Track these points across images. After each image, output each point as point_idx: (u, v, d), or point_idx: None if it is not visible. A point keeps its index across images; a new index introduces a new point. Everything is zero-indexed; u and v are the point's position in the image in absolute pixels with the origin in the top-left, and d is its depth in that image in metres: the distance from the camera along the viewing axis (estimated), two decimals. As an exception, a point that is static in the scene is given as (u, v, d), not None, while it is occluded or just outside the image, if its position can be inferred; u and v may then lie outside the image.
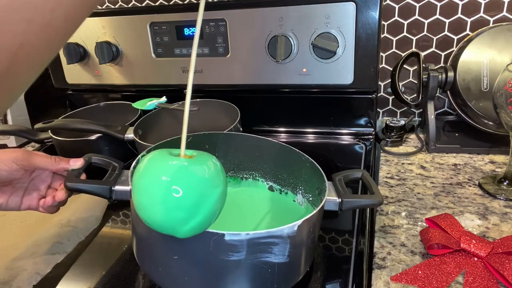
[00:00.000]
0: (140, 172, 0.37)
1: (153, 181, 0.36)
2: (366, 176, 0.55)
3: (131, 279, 0.54)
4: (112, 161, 0.55)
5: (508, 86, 0.58)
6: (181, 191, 0.35)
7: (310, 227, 0.45)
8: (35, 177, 0.56)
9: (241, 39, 0.84)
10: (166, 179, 0.35)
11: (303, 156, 0.57)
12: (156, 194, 0.36)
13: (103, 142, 0.82)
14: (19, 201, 0.55)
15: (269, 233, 0.41)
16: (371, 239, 0.58)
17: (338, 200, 0.50)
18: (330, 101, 0.88)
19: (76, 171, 0.53)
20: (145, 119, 0.83)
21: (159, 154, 0.38)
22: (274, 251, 0.43)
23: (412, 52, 0.82)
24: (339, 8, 0.76)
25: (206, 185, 0.37)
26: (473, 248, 0.51)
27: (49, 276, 0.56)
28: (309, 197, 0.58)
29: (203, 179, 0.37)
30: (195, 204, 0.36)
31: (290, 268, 0.47)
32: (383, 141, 0.85)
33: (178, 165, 0.36)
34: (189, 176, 0.36)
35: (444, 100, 0.94)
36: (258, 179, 0.66)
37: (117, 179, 0.51)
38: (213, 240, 0.40)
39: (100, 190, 0.49)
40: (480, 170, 0.73)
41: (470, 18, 0.84)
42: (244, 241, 0.40)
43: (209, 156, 0.39)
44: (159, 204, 0.36)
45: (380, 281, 0.50)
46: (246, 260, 0.42)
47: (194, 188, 0.36)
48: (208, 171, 0.37)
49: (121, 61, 0.94)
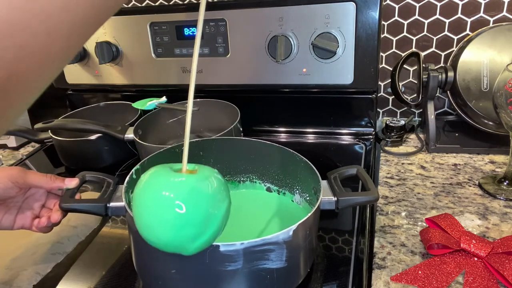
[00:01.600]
0: (142, 190, 0.37)
1: (159, 200, 0.35)
2: (362, 172, 0.55)
3: (131, 279, 0.53)
4: (106, 178, 0.55)
5: (508, 86, 0.58)
6: (185, 208, 0.34)
7: (306, 230, 0.45)
8: (29, 196, 0.55)
9: (241, 39, 0.84)
10: (172, 197, 0.35)
11: (297, 156, 0.57)
12: (163, 212, 0.35)
13: (103, 142, 0.82)
14: (13, 220, 0.54)
15: (264, 240, 0.41)
16: (371, 239, 0.58)
17: (334, 199, 0.50)
18: (330, 101, 0.88)
19: (71, 191, 0.53)
20: (145, 119, 0.83)
21: (161, 170, 0.37)
22: (271, 258, 0.42)
23: (412, 52, 0.82)
24: (339, 8, 0.76)
25: (212, 200, 0.37)
26: (473, 248, 0.51)
27: (49, 276, 0.56)
28: (306, 196, 0.58)
29: (208, 194, 0.36)
30: (203, 220, 0.36)
31: (289, 272, 0.46)
32: (383, 141, 0.85)
33: (183, 182, 0.36)
34: (195, 193, 0.36)
35: (444, 100, 0.94)
36: (255, 181, 0.66)
37: (111, 196, 0.51)
38: (209, 252, 0.40)
39: (95, 208, 0.50)
40: (480, 170, 0.73)
41: (470, 18, 0.84)
42: (239, 251, 0.41)
43: (211, 171, 0.39)
44: (166, 223, 0.35)
45: (380, 281, 0.50)
46: (243, 269, 0.42)
47: (201, 204, 0.36)
48: (211, 187, 0.37)
49: (121, 61, 0.94)
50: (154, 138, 0.84)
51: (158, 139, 0.85)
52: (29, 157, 0.94)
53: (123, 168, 0.84)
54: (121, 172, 0.83)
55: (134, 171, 0.53)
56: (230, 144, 0.64)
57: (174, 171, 0.37)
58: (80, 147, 0.83)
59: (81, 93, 1.05)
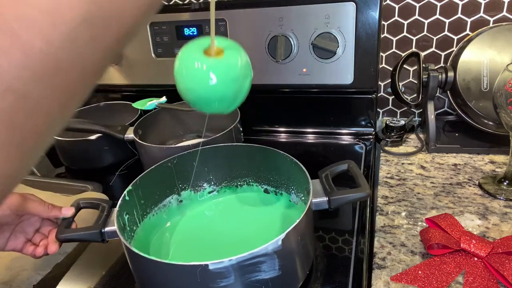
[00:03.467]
0: (178, 64, 0.38)
1: (190, 68, 0.37)
2: (353, 167, 0.54)
3: (131, 279, 0.54)
4: (101, 202, 0.55)
5: (508, 86, 0.58)
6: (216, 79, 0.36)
7: (298, 236, 0.45)
8: (24, 220, 0.55)
9: (241, 39, 0.84)
10: (202, 67, 0.36)
11: (288, 157, 0.57)
12: (194, 80, 0.37)
13: (103, 142, 0.82)
14: (5, 243, 0.53)
15: (252, 254, 0.41)
16: (371, 239, 0.58)
17: (326, 199, 0.50)
18: (330, 101, 0.88)
19: (66, 220, 0.53)
20: (145, 119, 0.83)
21: (192, 46, 0.38)
22: (263, 269, 0.42)
23: (412, 52, 0.82)
24: (339, 8, 0.76)
25: (240, 72, 0.38)
26: (473, 248, 0.51)
27: (49, 276, 0.56)
28: (301, 196, 0.59)
29: (237, 68, 0.38)
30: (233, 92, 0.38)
31: (285, 279, 0.46)
32: (383, 141, 0.85)
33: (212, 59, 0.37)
34: (224, 67, 0.37)
35: (444, 100, 0.94)
36: (252, 184, 0.66)
37: (106, 221, 0.52)
38: (199, 271, 0.40)
39: (91, 236, 0.50)
40: (480, 170, 0.73)
41: (470, 18, 0.84)
42: (229, 267, 0.41)
43: (238, 49, 0.39)
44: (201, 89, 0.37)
45: (380, 281, 0.50)
46: (236, 283, 0.42)
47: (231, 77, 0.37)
48: (241, 61, 0.38)
49: (121, 61, 0.94)
50: (154, 138, 0.84)
51: (158, 139, 0.85)
52: (29, 157, 0.94)
53: (123, 168, 0.84)
54: (121, 172, 0.83)
55: (126, 193, 0.54)
56: (223, 151, 0.64)
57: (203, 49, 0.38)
58: (80, 147, 0.83)
59: (81, 93, 1.05)
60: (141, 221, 0.58)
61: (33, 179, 0.82)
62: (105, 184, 0.78)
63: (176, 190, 0.64)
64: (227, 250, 0.55)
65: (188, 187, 0.65)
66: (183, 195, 0.65)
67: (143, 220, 0.58)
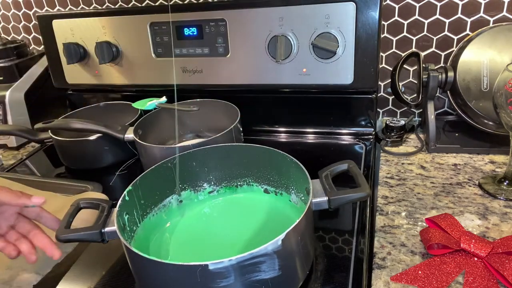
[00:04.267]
0: None
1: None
2: (353, 167, 0.54)
3: (131, 279, 0.54)
4: (101, 202, 0.55)
5: (508, 86, 0.58)
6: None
7: (297, 236, 0.45)
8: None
9: (241, 39, 0.84)
10: None
11: (288, 157, 0.57)
12: None
13: (103, 142, 0.82)
14: None
15: (252, 254, 0.41)
16: (371, 239, 0.58)
17: (326, 199, 0.50)
18: (330, 101, 0.88)
19: (66, 221, 0.52)
20: (145, 119, 0.83)
21: None
22: (263, 269, 0.42)
23: (412, 52, 0.82)
24: (339, 8, 0.76)
25: None
26: (473, 248, 0.51)
27: (49, 276, 0.56)
28: (301, 197, 0.59)
29: None
30: None
31: (285, 279, 0.46)
32: (383, 141, 0.85)
33: None
34: None
35: (444, 100, 0.94)
36: (252, 184, 0.66)
37: (106, 221, 0.51)
38: (199, 271, 0.40)
39: (91, 236, 0.50)
40: (480, 170, 0.73)
41: (470, 18, 0.84)
42: (229, 267, 0.41)
43: None
44: None
45: (380, 281, 0.50)
46: (236, 283, 0.42)
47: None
48: None
49: (121, 61, 0.94)
50: (154, 138, 0.84)
51: (158, 139, 0.85)
52: (29, 157, 0.94)
53: (123, 168, 0.84)
54: (121, 172, 0.83)
55: (126, 193, 0.54)
56: (222, 151, 0.64)
57: None
58: (80, 147, 0.83)
59: (81, 93, 1.05)
60: (141, 221, 0.58)
61: (33, 179, 0.82)
62: (105, 184, 0.78)
63: (176, 190, 0.64)
64: (227, 250, 0.55)
65: (188, 187, 0.65)
66: (183, 195, 0.65)
67: (143, 220, 0.59)
